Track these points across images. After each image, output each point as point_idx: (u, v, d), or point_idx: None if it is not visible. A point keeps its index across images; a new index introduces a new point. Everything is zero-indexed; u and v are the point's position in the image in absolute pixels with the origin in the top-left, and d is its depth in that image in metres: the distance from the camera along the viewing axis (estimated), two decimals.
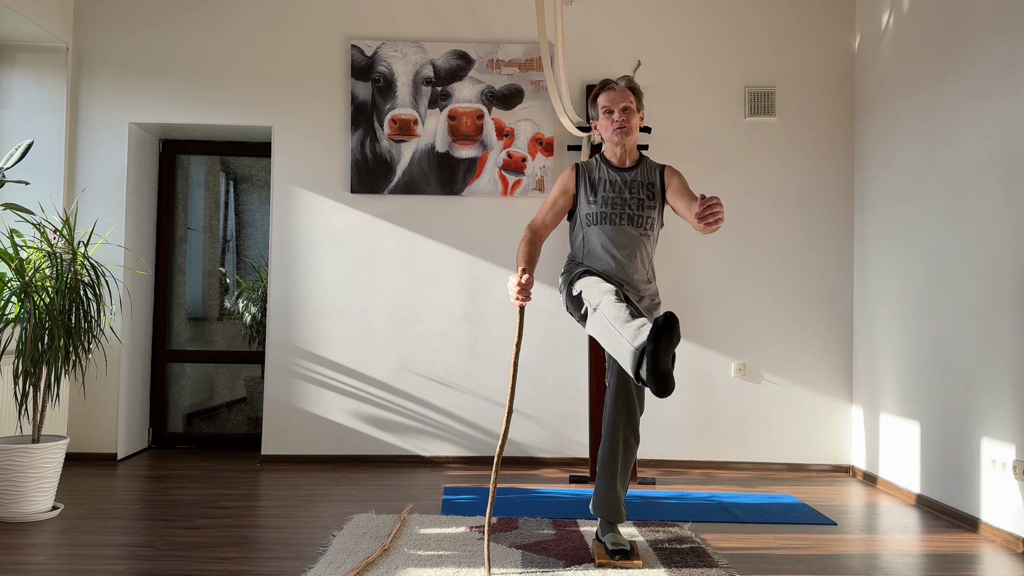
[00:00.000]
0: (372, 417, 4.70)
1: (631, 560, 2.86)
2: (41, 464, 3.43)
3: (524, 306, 2.67)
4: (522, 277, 2.67)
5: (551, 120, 4.74)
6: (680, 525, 3.43)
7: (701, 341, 4.72)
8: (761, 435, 4.70)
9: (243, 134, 5.05)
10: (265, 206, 5.33)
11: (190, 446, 5.13)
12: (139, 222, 4.90)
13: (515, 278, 2.68)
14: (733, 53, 4.79)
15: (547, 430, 4.70)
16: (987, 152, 3.48)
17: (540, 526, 3.38)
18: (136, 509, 3.61)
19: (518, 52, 4.76)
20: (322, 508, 3.67)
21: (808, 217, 4.75)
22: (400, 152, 4.73)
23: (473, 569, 2.80)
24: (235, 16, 4.78)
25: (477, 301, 4.73)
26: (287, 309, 4.72)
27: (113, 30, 4.74)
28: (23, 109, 4.58)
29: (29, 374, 3.49)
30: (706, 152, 4.76)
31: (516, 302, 2.68)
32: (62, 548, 3.05)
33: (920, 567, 2.99)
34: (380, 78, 4.74)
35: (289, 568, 2.84)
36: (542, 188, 4.72)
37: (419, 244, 4.74)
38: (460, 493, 3.96)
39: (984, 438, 3.45)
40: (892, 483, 4.19)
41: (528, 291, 2.69)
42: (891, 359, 4.23)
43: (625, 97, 2.96)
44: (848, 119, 4.77)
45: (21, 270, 3.51)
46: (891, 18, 4.34)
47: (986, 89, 3.50)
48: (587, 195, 2.97)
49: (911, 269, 4.05)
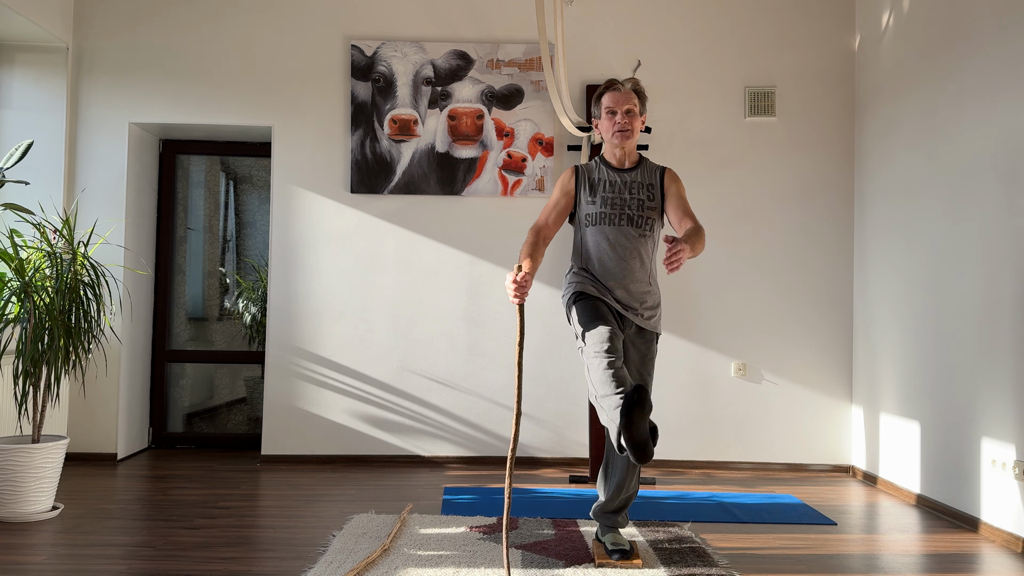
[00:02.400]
0: (372, 417, 4.70)
1: (631, 560, 2.87)
2: (41, 464, 3.43)
3: (523, 304, 2.62)
4: (518, 274, 2.61)
5: (551, 120, 4.74)
6: (680, 525, 3.43)
7: (701, 341, 4.72)
8: (761, 435, 4.70)
9: (243, 134, 5.06)
10: (265, 206, 5.33)
11: (190, 446, 5.13)
12: (139, 222, 4.90)
13: (511, 275, 2.63)
14: (733, 53, 4.79)
15: (547, 430, 4.70)
16: (987, 152, 3.48)
17: (540, 526, 3.38)
18: (136, 509, 3.61)
19: (518, 52, 4.76)
20: (322, 508, 3.67)
21: (808, 217, 4.75)
22: (400, 152, 4.73)
23: (473, 569, 2.81)
24: (235, 16, 4.78)
25: (477, 301, 4.73)
26: (287, 309, 4.72)
27: (113, 30, 4.74)
28: (23, 109, 4.58)
29: (29, 374, 3.49)
30: (706, 152, 4.76)
31: (514, 300, 2.62)
32: (62, 548, 3.05)
33: (920, 567, 2.99)
34: (380, 78, 4.74)
35: (289, 568, 2.84)
36: (542, 188, 4.72)
37: (419, 244, 4.74)
38: (460, 493, 3.96)
39: (984, 438, 3.45)
40: (892, 483, 4.19)
41: (525, 288, 2.62)
42: (891, 359, 4.23)
43: (629, 99, 2.90)
44: (848, 119, 4.77)
45: (21, 270, 3.51)
46: (891, 18, 4.34)
47: (986, 89, 3.50)
48: (587, 196, 2.94)
49: (911, 269, 4.05)
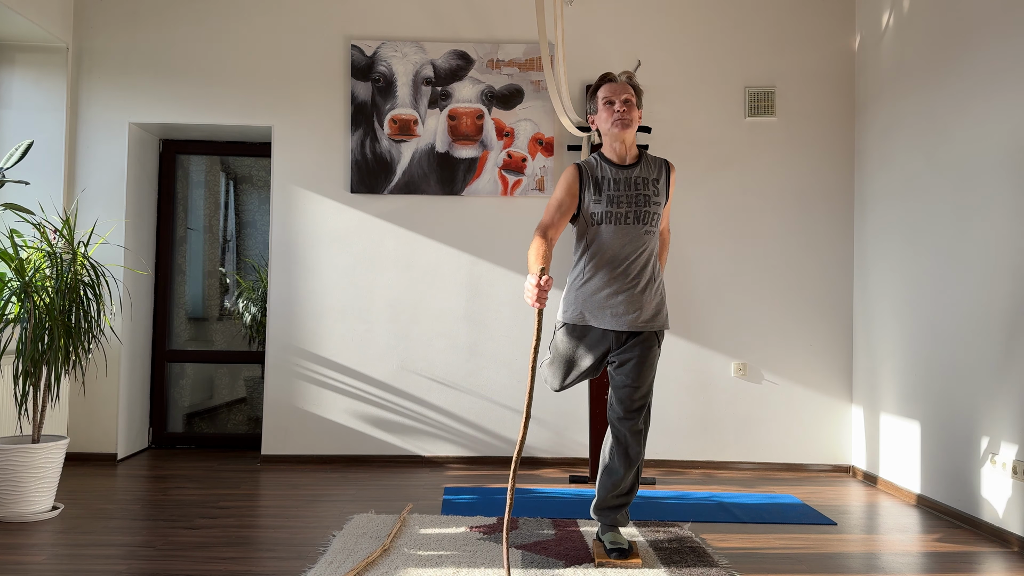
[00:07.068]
0: (372, 417, 4.70)
1: (629, 559, 2.87)
2: (41, 464, 3.43)
3: (543, 308, 2.52)
4: (541, 278, 2.52)
5: (551, 120, 4.73)
6: (680, 525, 3.43)
7: (701, 341, 4.72)
8: (761, 435, 4.70)
9: (243, 134, 5.05)
10: (265, 206, 5.33)
11: (190, 446, 5.13)
12: (139, 222, 4.90)
13: (533, 278, 2.54)
14: (733, 53, 4.79)
15: (547, 430, 4.70)
16: (987, 152, 3.48)
17: (540, 526, 3.38)
18: (136, 509, 3.61)
19: (518, 52, 4.76)
20: (322, 508, 3.67)
21: (808, 217, 4.75)
22: (400, 152, 4.73)
23: (473, 569, 2.81)
24: (235, 16, 4.78)
25: (477, 301, 4.73)
26: (287, 309, 4.72)
27: (113, 30, 4.74)
28: (23, 109, 4.58)
29: (29, 374, 3.49)
30: (706, 152, 4.76)
31: (535, 305, 2.52)
32: (62, 548, 3.05)
33: (920, 567, 2.99)
34: (380, 78, 4.74)
35: (289, 568, 2.84)
36: (542, 188, 4.72)
37: (419, 244, 4.74)
38: (460, 493, 3.96)
39: (984, 438, 3.45)
40: (892, 483, 4.19)
41: (547, 293, 2.54)
42: (891, 359, 4.23)
43: (626, 90, 2.89)
44: (848, 119, 4.77)
45: (21, 270, 3.51)
46: (891, 18, 4.34)
47: (986, 89, 3.50)
48: (592, 195, 2.89)
49: (911, 269, 4.05)
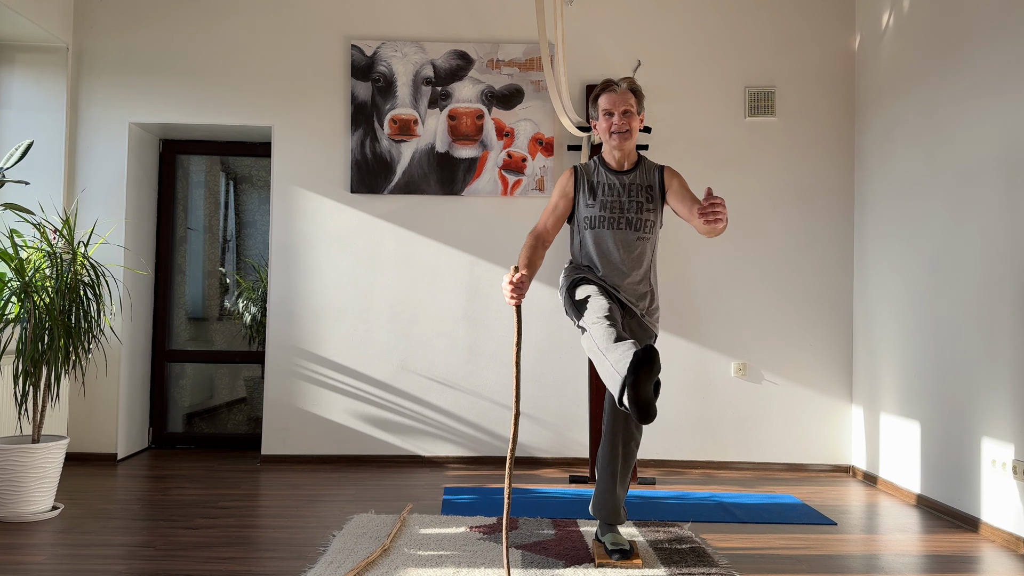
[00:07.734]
0: (372, 417, 4.70)
1: (630, 560, 2.86)
2: (41, 464, 3.43)
3: (520, 305, 2.63)
4: (515, 275, 2.63)
5: (551, 120, 4.74)
6: (680, 525, 3.43)
7: (701, 341, 4.72)
8: (761, 435, 4.70)
9: (243, 134, 5.05)
10: (265, 206, 5.33)
11: (190, 446, 5.13)
12: (139, 222, 4.90)
13: (508, 276, 2.64)
14: (733, 53, 4.79)
15: (547, 430, 4.70)
16: (987, 152, 3.48)
17: (540, 526, 3.38)
18: (136, 509, 3.61)
19: (518, 52, 4.76)
20: (322, 508, 3.67)
21: (808, 217, 4.75)
22: (400, 152, 4.73)
23: (473, 569, 2.81)
24: (235, 16, 4.78)
25: (477, 301, 4.73)
26: (287, 309, 4.72)
27: (113, 30, 4.74)
28: (23, 109, 4.58)
29: (29, 374, 3.49)
30: (706, 152, 4.76)
31: (510, 301, 2.63)
32: (62, 548, 3.05)
33: (920, 567, 2.99)
34: (380, 78, 4.74)
35: (289, 568, 2.84)
36: (542, 188, 4.72)
37: (419, 244, 4.74)
38: (460, 493, 3.96)
39: (984, 438, 3.45)
40: (892, 483, 4.19)
41: (522, 290, 2.64)
42: (891, 359, 4.23)
43: (626, 100, 2.91)
44: (848, 119, 4.77)
45: (21, 270, 3.51)
46: (891, 18, 4.34)
47: (986, 89, 3.50)
48: (586, 199, 2.94)
49: (911, 269, 4.05)
